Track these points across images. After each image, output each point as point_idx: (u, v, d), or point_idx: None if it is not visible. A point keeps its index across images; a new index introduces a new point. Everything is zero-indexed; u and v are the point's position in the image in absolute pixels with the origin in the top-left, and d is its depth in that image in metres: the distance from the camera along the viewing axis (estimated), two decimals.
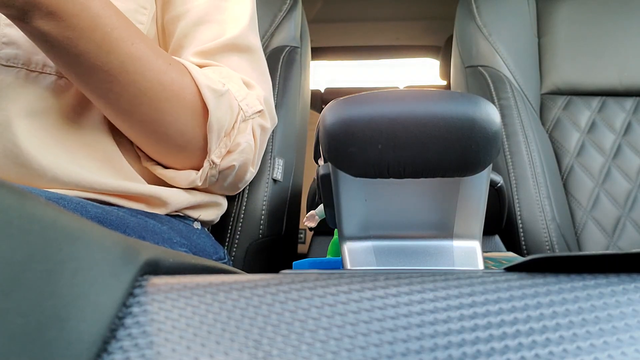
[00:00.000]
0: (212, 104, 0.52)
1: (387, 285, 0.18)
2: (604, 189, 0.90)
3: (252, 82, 0.61)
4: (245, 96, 0.57)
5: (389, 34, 2.29)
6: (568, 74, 0.98)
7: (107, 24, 0.45)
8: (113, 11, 0.46)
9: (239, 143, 0.56)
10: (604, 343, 0.16)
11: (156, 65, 0.48)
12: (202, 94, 0.51)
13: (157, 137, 0.52)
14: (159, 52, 0.50)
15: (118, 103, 0.48)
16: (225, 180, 0.59)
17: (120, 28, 0.46)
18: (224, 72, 0.58)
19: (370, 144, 0.26)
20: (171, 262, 0.19)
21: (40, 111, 0.50)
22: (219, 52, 0.60)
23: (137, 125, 0.51)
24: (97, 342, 0.14)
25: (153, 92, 0.48)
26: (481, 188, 0.28)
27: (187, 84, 0.51)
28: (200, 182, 0.56)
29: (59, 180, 0.49)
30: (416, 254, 0.30)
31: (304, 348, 0.15)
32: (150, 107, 0.49)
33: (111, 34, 0.45)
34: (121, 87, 0.47)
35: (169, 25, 0.61)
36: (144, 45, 0.47)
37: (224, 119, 0.53)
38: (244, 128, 0.57)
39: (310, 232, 1.71)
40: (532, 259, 0.19)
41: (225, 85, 0.54)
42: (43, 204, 0.14)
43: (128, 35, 0.46)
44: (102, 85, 0.47)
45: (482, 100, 0.26)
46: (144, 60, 0.47)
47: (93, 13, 0.44)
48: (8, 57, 0.49)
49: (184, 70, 0.52)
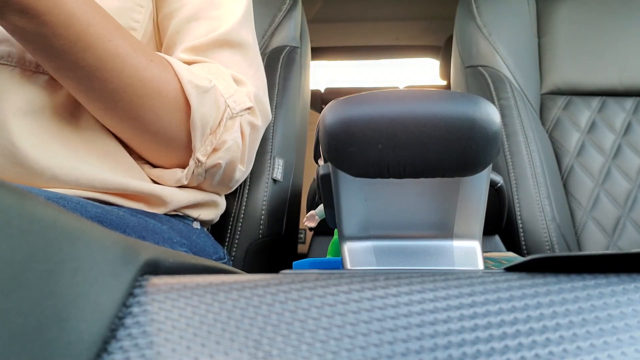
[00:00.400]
0: (194, 100, 0.51)
1: (387, 285, 0.18)
2: (604, 189, 0.91)
3: (242, 79, 0.60)
4: (233, 93, 0.56)
5: (389, 34, 2.29)
6: (568, 74, 0.98)
7: (82, 21, 0.44)
8: (90, 8, 0.45)
9: (225, 141, 0.55)
10: (604, 343, 0.16)
11: (136, 62, 0.48)
12: (184, 90, 0.51)
13: (140, 133, 0.52)
14: (140, 49, 0.49)
15: (99, 99, 0.48)
16: (213, 178, 0.58)
17: (97, 25, 0.45)
18: (213, 68, 0.58)
19: (370, 144, 0.26)
20: (171, 262, 0.19)
21: (37, 109, 0.50)
22: (210, 48, 0.59)
23: (119, 122, 0.51)
24: (97, 342, 0.14)
25: (133, 88, 0.48)
26: (481, 188, 0.28)
27: (169, 80, 0.50)
28: (186, 181, 0.56)
29: (58, 179, 0.49)
30: (416, 254, 0.30)
31: (304, 348, 0.15)
32: (131, 103, 0.49)
33: (87, 31, 0.45)
34: (100, 84, 0.47)
35: (163, 22, 0.60)
36: (122, 41, 0.47)
37: (208, 116, 0.53)
38: (230, 125, 0.56)
39: (310, 232, 1.71)
40: (532, 259, 0.19)
41: (211, 82, 0.53)
42: (43, 203, 0.14)
43: (106, 32, 0.46)
44: (81, 81, 0.47)
45: (482, 100, 0.26)
46: (122, 57, 0.47)
47: (67, 10, 0.43)
48: (1, 54, 0.49)
49: (167, 66, 0.51)
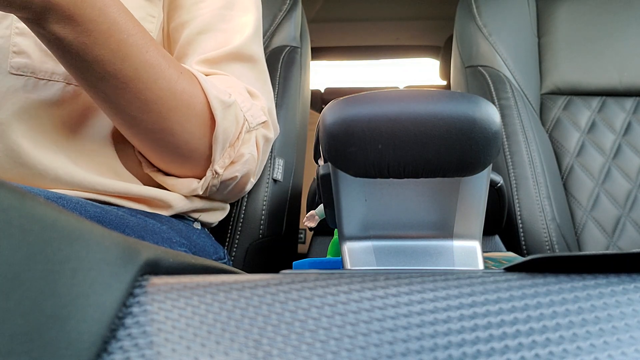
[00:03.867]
0: (219, 115, 0.51)
1: (387, 285, 0.18)
2: (604, 189, 0.90)
3: (256, 92, 0.61)
4: (250, 107, 0.57)
5: (389, 34, 2.29)
6: (568, 74, 0.98)
7: (123, 31, 0.44)
8: (129, 18, 0.45)
9: (242, 154, 0.56)
10: (604, 343, 0.16)
11: (168, 74, 0.48)
12: (210, 105, 0.51)
13: (162, 145, 0.52)
14: (171, 61, 0.49)
15: (127, 110, 0.48)
16: (226, 189, 0.59)
17: (136, 35, 0.45)
18: (230, 81, 0.58)
19: (370, 144, 0.26)
20: (171, 262, 0.19)
21: (44, 115, 0.50)
22: (223, 61, 0.59)
23: (143, 133, 0.51)
24: (97, 342, 0.14)
25: (163, 100, 0.48)
26: (481, 188, 0.28)
27: (196, 94, 0.51)
28: (201, 191, 0.56)
29: (60, 180, 0.49)
30: (416, 254, 0.30)
31: (304, 348, 0.15)
32: (159, 115, 0.49)
33: (127, 41, 0.44)
34: (132, 95, 0.46)
35: (174, 33, 0.60)
36: (157, 53, 0.47)
37: (229, 130, 0.53)
38: (247, 139, 0.57)
39: (310, 232, 1.71)
40: (532, 259, 0.19)
41: (231, 96, 0.54)
42: (43, 203, 0.14)
43: (143, 43, 0.46)
44: (113, 92, 0.46)
45: (482, 100, 0.26)
46: (157, 69, 0.47)
47: (110, 19, 0.43)
48: (18, 65, 0.49)
49: (194, 79, 0.51)
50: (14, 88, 0.49)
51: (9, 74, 0.49)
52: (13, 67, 0.49)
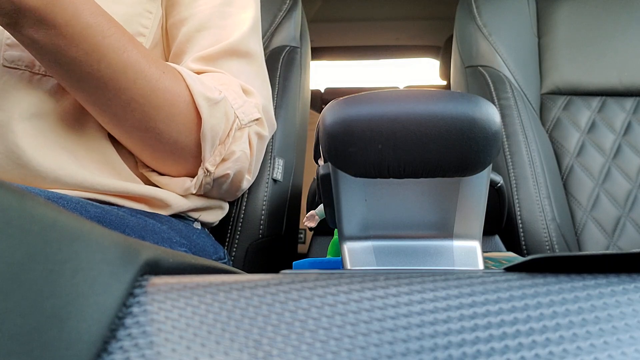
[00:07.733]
0: (205, 112, 0.51)
1: (387, 285, 0.18)
2: (604, 189, 0.90)
3: (251, 89, 0.60)
4: (242, 104, 0.57)
5: (389, 34, 2.29)
6: (568, 74, 0.98)
7: (98, 33, 0.45)
8: (105, 19, 0.46)
9: (233, 151, 0.56)
10: (604, 343, 0.16)
11: (149, 73, 0.48)
12: (195, 102, 0.51)
13: (150, 144, 0.52)
14: (153, 60, 0.49)
15: (110, 110, 0.48)
16: (221, 187, 0.59)
17: (112, 37, 0.46)
18: (223, 78, 0.58)
19: (370, 144, 0.26)
20: (171, 262, 0.19)
21: (42, 113, 0.50)
22: (220, 57, 0.59)
23: (129, 132, 0.51)
24: (97, 342, 0.14)
25: (145, 99, 0.48)
26: (481, 188, 0.28)
27: (180, 92, 0.51)
28: (194, 190, 0.56)
29: (61, 181, 0.49)
30: (416, 254, 0.30)
31: (304, 348, 0.15)
32: (142, 114, 0.49)
33: (102, 42, 0.45)
34: (112, 95, 0.47)
35: (172, 30, 0.60)
36: (136, 52, 0.47)
37: (218, 127, 0.53)
38: (239, 136, 0.56)
39: (310, 232, 1.71)
40: (532, 259, 0.19)
41: (221, 93, 0.54)
42: (43, 204, 0.14)
43: (120, 44, 0.46)
44: (93, 92, 0.47)
45: (482, 100, 0.26)
46: (136, 68, 0.47)
47: (83, 22, 0.44)
48: (12, 58, 0.49)
49: (179, 77, 0.51)
50: (9, 84, 0.49)
51: (3, 67, 0.49)
52: (7, 60, 0.49)
